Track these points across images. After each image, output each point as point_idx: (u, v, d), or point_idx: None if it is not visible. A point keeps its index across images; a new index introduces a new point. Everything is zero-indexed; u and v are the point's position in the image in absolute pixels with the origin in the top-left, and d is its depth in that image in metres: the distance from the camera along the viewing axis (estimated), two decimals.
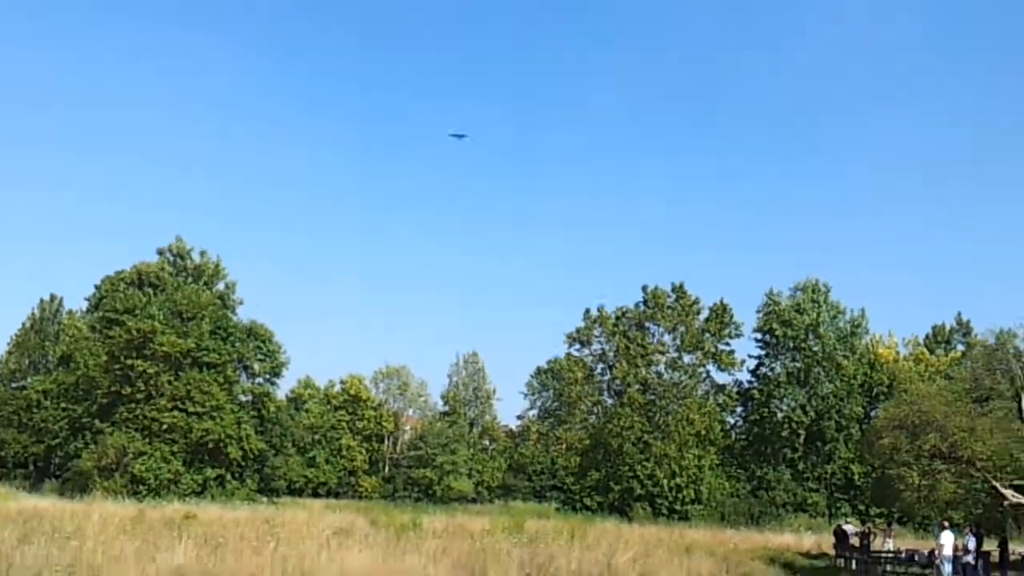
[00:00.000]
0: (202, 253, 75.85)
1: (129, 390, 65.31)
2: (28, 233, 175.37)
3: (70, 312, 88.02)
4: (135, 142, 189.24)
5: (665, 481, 70.28)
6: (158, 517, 39.74)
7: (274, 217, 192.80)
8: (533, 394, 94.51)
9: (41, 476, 77.11)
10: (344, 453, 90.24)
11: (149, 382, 65.27)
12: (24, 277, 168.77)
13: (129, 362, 64.85)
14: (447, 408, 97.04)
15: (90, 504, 45.44)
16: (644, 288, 77.75)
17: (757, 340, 77.58)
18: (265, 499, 66.79)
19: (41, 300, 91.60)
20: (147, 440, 64.33)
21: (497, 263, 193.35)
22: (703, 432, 72.03)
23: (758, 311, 77.48)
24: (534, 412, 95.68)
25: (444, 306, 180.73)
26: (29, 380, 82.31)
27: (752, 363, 77.96)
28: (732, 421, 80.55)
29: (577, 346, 79.66)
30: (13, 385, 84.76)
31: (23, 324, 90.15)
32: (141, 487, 61.54)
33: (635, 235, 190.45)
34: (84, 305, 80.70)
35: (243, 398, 71.07)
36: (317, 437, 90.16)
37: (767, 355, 77.29)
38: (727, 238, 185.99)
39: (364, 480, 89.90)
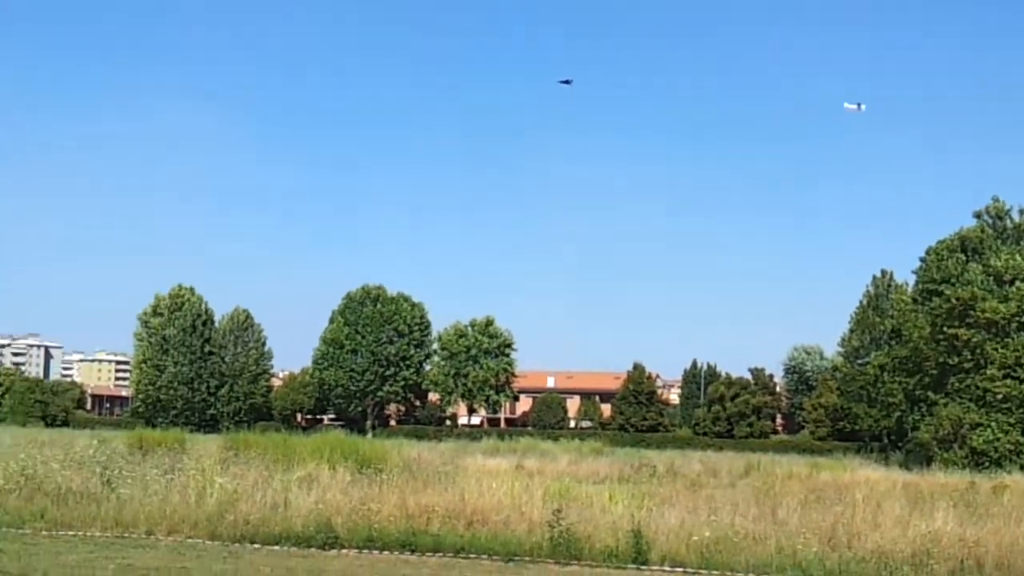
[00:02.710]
0: (1021, 211, 71.19)
1: (956, 360, 64.33)
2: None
3: (898, 286, 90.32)
4: None
5: None
6: (986, 488, 38.84)
7: None
8: None
9: (892, 449, 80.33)
10: None
11: (975, 351, 63.64)
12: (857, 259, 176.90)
13: (952, 331, 64.02)
14: None
15: (922, 476, 46.05)
16: None
17: None
18: None
19: (874, 277, 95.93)
20: (982, 411, 62.77)
21: None
22: None
23: None
24: None
25: None
26: (872, 356, 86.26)
27: None
28: None
29: None
30: (858, 362, 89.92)
31: (860, 302, 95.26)
32: (983, 459, 60.20)
33: None
34: (912, 278, 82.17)
35: None
36: None
37: None
38: None
39: None
